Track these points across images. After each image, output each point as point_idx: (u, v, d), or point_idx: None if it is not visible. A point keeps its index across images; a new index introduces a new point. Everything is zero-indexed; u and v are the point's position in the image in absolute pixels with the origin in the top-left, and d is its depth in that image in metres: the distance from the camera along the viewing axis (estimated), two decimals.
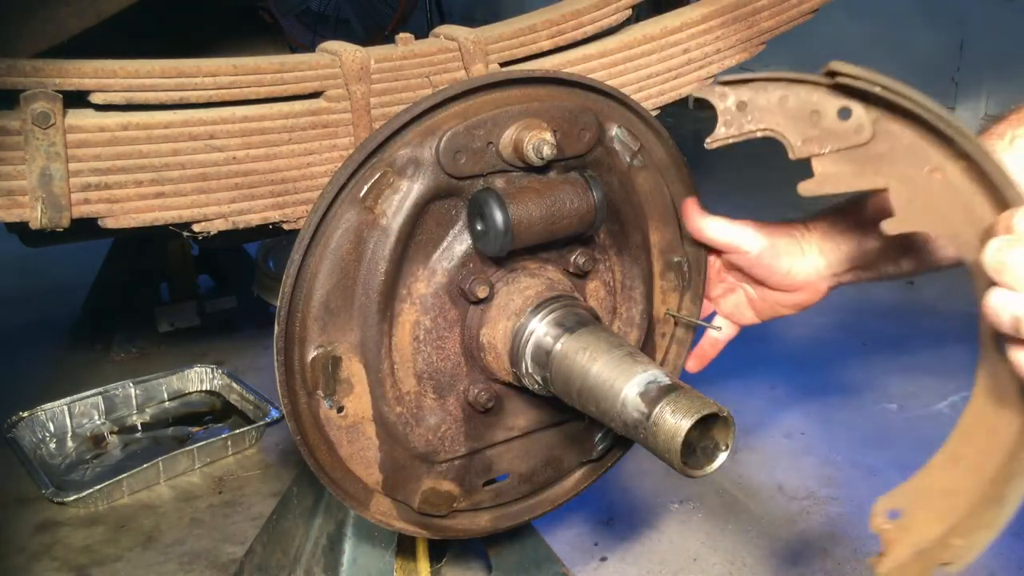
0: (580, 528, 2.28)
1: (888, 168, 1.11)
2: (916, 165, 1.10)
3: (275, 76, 1.47)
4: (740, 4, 1.83)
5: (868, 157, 1.11)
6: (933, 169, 1.10)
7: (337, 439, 1.38)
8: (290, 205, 1.52)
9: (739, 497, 2.40)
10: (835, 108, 1.11)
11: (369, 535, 1.72)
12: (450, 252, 1.38)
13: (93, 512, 2.42)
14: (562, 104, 1.40)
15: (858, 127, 1.11)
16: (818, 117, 1.12)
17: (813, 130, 1.12)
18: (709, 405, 1.21)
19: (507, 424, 1.50)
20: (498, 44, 1.64)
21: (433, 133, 1.32)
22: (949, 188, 1.10)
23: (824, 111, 1.12)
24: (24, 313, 3.51)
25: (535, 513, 1.63)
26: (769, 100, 1.13)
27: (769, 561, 2.18)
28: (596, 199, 1.39)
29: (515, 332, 1.39)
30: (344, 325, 1.34)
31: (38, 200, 1.33)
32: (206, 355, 3.14)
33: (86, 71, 1.35)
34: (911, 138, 1.11)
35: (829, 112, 1.12)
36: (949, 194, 1.10)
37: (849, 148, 1.11)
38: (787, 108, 1.12)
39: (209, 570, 2.22)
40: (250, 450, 2.68)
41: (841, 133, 1.11)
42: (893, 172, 1.11)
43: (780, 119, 1.12)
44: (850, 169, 1.12)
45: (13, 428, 2.64)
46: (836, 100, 1.12)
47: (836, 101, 1.12)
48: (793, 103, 1.12)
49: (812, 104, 1.11)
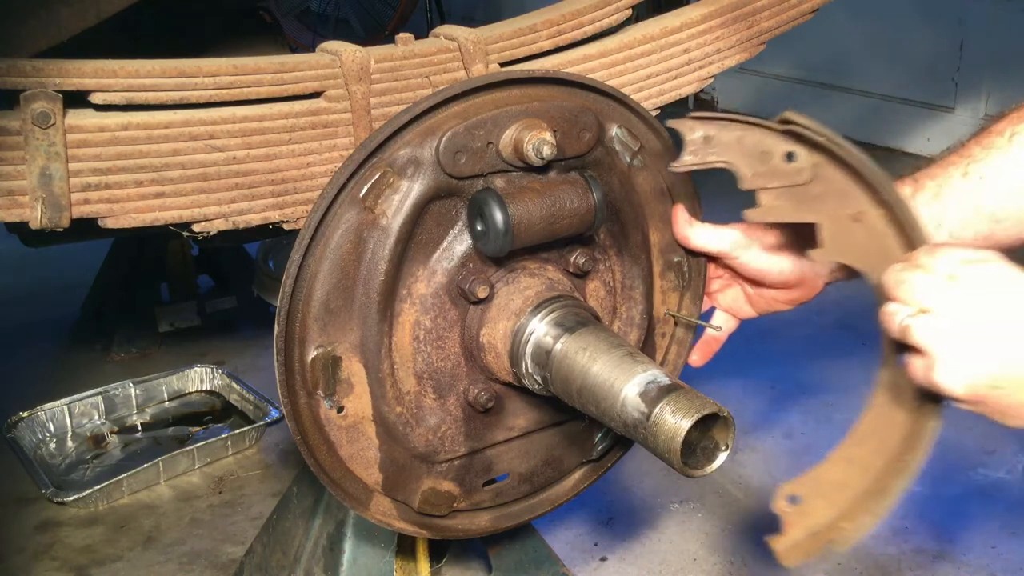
0: (580, 528, 2.28)
1: (820, 207, 1.29)
2: (843, 207, 1.30)
3: (275, 76, 1.47)
4: (740, 4, 1.83)
5: (805, 196, 1.28)
6: (858, 212, 1.30)
7: (337, 439, 1.38)
8: (290, 205, 1.52)
9: (739, 497, 2.40)
10: (783, 151, 1.29)
11: (369, 535, 1.72)
12: (450, 252, 1.38)
13: (93, 512, 2.42)
14: (562, 104, 1.40)
15: (799, 169, 1.29)
16: (768, 157, 1.28)
17: (762, 167, 1.28)
18: (709, 405, 1.21)
19: (507, 424, 1.50)
20: (498, 44, 1.64)
21: (433, 133, 1.32)
22: (869, 229, 1.30)
23: (773, 152, 1.29)
24: (24, 313, 3.50)
25: (535, 513, 1.63)
26: (730, 137, 1.28)
27: (769, 561, 2.18)
28: (596, 199, 1.39)
29: (515, 332, 1.39)
30: (344, 325, 1.34)
31: (38, 200, 1.33)
32: (206, 355, 3.14)
33: (86, 71, 1.35)
34: (843, 183, 1.29)
35: (777, 153, 1.29)
36: (868, 234, 1.30)
37: (790, 186, 1.29)
38: (743, 146, 1.28)
39: (209, 570, 2.22)
40: (250, 450, 2.68)
41: (785, 173, 1.28)
42: (824, 211, 1.29)
43: (736, 155, 1.29)
44: (789, 204, 1.29)
45: (13, 428, 2.64)
46: (785, 144, 1.28)
47: (785, 145, 1.28)
48: (749, 142, 1.28)
49: (764, 145, 1.28)
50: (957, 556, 2.18)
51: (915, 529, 2.26)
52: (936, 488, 2.39)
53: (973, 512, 2.30)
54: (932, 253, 1.19)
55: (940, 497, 2.36)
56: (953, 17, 4.60)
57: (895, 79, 4.92)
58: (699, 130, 1.28)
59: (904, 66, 4.85)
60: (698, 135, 1.28)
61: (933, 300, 1.15)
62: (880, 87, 5.00)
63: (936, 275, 1.15)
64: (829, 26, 4.54)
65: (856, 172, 1.28)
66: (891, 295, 1.18)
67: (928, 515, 2.30)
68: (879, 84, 5.00)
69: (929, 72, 4.75)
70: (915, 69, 4.81)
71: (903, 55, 4.85)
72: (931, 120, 4.77)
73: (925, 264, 1.17)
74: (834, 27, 4.70)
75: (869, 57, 5.02)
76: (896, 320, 1.16)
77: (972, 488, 2.36)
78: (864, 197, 1.30)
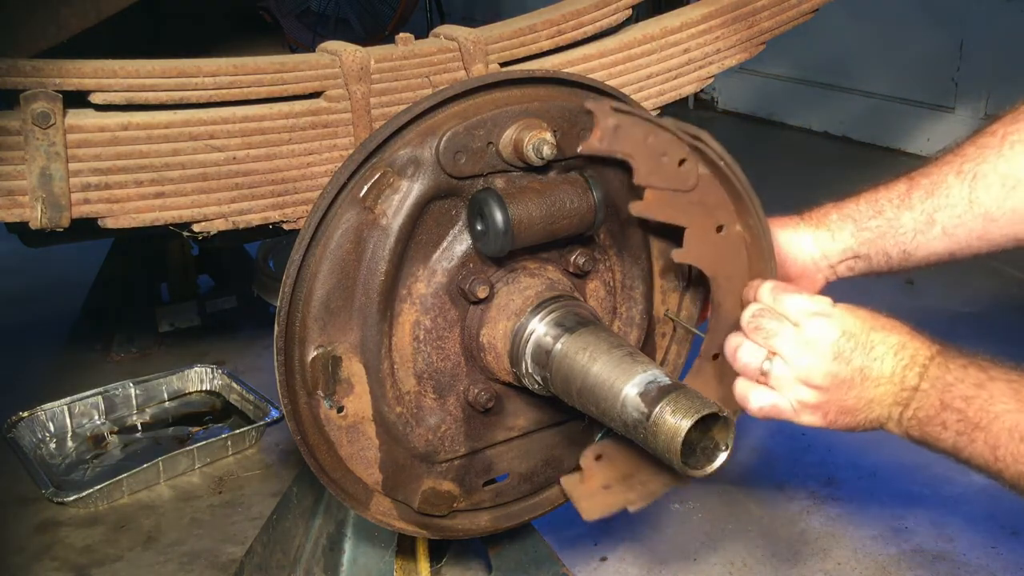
0: (580, 528, 2.28)
1: (693, 213, 1.43)
2: (712, 218, 1.44)
3: (275, 76, 1.47)
4: (740, 4, 1.83)
5: (683, 201, 1.41)
6: (723, 224, 1.46)
7: (337, 439, 1.38)
8: (290, 205, 1.52)
9: (739, 497, 2.40)
10: (679, 156, 1.39)
11: (369, 535, 1.72)
12: (450, 252, 1.38)
13: (93, 512, 2.41)
14: (562, 104, 1.40)
15: (687, 176, 1.40)
16: (664, 159, 1.39)
17: (657, 167, 1.38)
18: (709, 405, 1.21)
19: (507, 424, 1.50)
20: (498, 44, 1.64)
21: (433, 133, 1.32)
22: (727, 243, 1.47)
23: (670, 155, 1.39)
24: (24, 313, 3.50)
25: (535, 513, 1.63)
26: (638, 133, 1.36)
27: (769, 561, 2.18)
28: (596, 199, 1.39)
29: (515, 332, 1.39)
30: (344, 325, 1.34)
31: (38, 200, 1.33)
32: (206, 355, 3.13)
33: (86, 71, 1.35)
34: (719, 198, 1.44)
35: (673, 159, 1.39)
36: (725, 247, 1.47)
37: (675, 190, 1.41)
38: (647, 144, 1.37)
39: (209, 570, 2.21)
40: (250, 450, 2.67)
41: (674, 176, 1.40)
42: (694, 218, 1.43)
43: (639, 151, 1.37)
44: (670, 204, 1.41)
45: (13, 428, 2.64)
46: (681, 152, 1.39)
47: (681, 152, 1.39)
48: (652, 142, 1.37)
49: (664, 148, 1.38)
50: (957, 556, 2.18)
51: (915, 529, 2.26)
52: (936, 488, 2.39)
53: (973, 512, 2.30)
54: (777, 298, 1.37)
55: (940, 497, 2.36)
56: (953, 17, 4.59)
57: (895, 79, 4.91)
58: (612, 119, 1.34)
59: (904, 66, 4.85)
60: (611, 123, 1.33)
61: (780, 345, 1.34)
62: (880, 87, 5.00)
63: (783, 323, 1.35)
64: (829, 26, 4.54)
65: (736, 193, 1.43)
66: (746, 332, 1.37)
67: (928, 515, 2.30)
68: (879, 84, 5.00)
69: (929, 72, 4.75)
70: (915, 69, 4.81)
71: (903, 55, 4.84)
72: (931, 120, 4.77)
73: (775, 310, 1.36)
74: (834, 27, 4.69)
75: (869, 57, 5.01)
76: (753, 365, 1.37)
77: (972, 488, 2.35)
78: (733, 214, 1.45)
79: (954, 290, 3.35)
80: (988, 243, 1.51)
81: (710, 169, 1.42)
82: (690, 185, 1.41)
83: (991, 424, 1.26)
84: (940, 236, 1.52)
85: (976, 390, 1.28)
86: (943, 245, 1.53)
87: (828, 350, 1.32)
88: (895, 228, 1.54)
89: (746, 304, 1.40)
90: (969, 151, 1.51)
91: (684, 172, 1.40)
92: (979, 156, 1.49)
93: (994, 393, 1.26)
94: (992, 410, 1.26)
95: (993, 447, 1.26)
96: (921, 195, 1.53)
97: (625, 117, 1.34)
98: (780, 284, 1.40)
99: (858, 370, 1.32)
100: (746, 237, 1.47)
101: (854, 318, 1.34)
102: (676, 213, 1.42)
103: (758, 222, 1.44)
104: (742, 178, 1.41)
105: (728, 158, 1.40)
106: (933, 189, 1.52)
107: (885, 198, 1.56)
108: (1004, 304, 3.31)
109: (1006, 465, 1.25)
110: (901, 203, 1.54)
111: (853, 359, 1.32)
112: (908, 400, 1.32)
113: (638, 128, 1.35)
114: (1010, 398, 1.25)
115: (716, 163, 1.40)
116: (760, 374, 1.37)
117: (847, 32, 4.93)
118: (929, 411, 1.30)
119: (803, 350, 1.33)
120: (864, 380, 1.32)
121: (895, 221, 1.54)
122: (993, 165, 1.47)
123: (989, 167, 1.48)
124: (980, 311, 3.26)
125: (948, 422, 1.29)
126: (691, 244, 1.44)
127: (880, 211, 1.55)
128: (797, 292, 1.37)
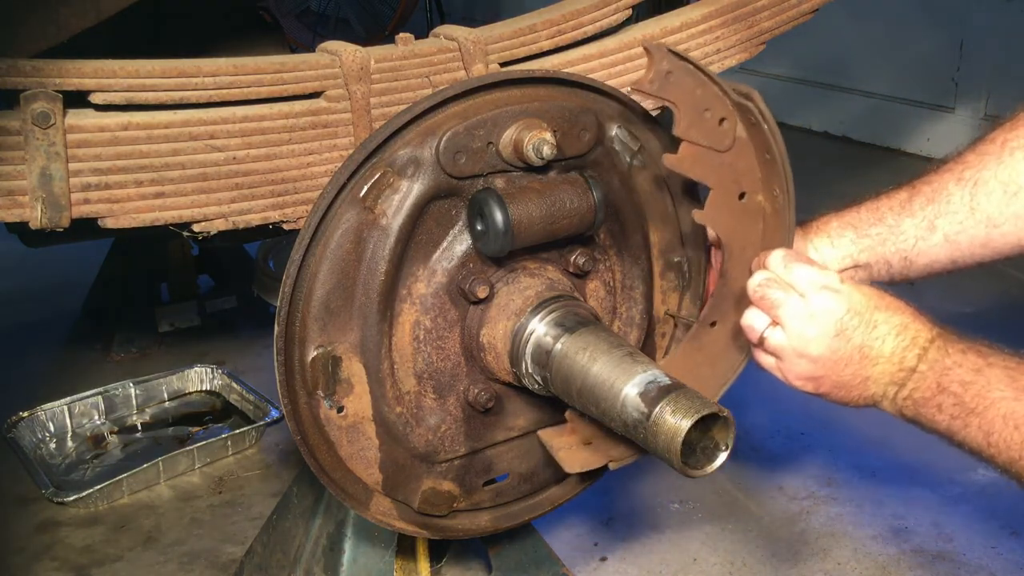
0: (580, 528, 2.28)
1: (721, 176, 1.41)
2: (738, 184, 1.43)
3: (275, 76, 1.47)
4: (740, 4, 1.83)
5: (715, 161, 1.40)
6: (746, 192, 1.44)
7: (337, 439, 1.38)
8: (290, 205, 1.52)
9: (739, 497, 2.40)
10: (720, 115, 1.38)
11: (369, 535, 1.72)
12: (450, 252, 1.38)
13: (93, 512, 2.41)
14: (562, 104, 1.40)
15: (724, 135, 1.39)
16: (707, 114, 1.37)
17: (698, 121, 1.37)
18: (709, 405, 1.21)
19: (507, 424, 1.50)
20: (498, 44, 1.64)
21: (433, 133, 1.32)
22: (746, 211, 1.44)
23: (713, 113, 1.38)
24: (24, 313, 3.50)
25: (535, 513, 1.63)
26: (688, 83, 1.35)
27: (769, 561, 2.18)
28: (596, 199, 1.39)
29: (515, 332, 1.39)
30: (344, 325, 1.34)
31: (38, 200, 1.33)
32: (206, 355, 3.13)
33: (86, 71, 1.35)
34: (750, 163, 1.42)
35: (715, 115, 1.38)
36: (744, 215, 1.45)
37: (710, 148, 1.39)
38: (694, 96, 1.36)
39: (209, 570, 2.21)
40: (250, 450, 2.67)
41: (712, 134, 1.38)
42: (721, 180, 1.41)
43: (685, 101, 1.36)
44: (702, 162, 1.39)
45: (13, 428, 2.64)
46: (724, 110, 1.38)
47: (724, 111, 1.38)
48: (699, 95, 1.36)
49: (709, 103, 1.37)
50: (957, 556, 2.18)
51: (915, 529, 2.26)
52: (936, 488, 2.39)
53: (973, 512, 2.30)
54: (788, 267, 1.37)
55: (940, 497, 2.36)
56: (953, 17, 4.59)
57: (895, 79, 4.91)
58: (667, 63, 1.33)
59: (904, 66, 4.85)
60: (664, 67, 1.33)
61: (784, 316, 1.36)
62: (880, 87, 4.99)
63: (790, 293, 1.36)
64: (829, 26, 4.53)
65: (771, 160, 1.41)
66: (752, 300, 1.39)
67: (928, 515, 2.30)
68: (879, 84, 5.00)
69: (929, 72, 4.75)
70: (915, 69, 4.81)
71: (903, 55, 4.84)
72: (931, 120, 4.77)
73: (782, 278, 1.37)
74: (834, 27, 4.69)
75: (869, 57, 5.01)
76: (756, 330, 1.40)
77: (972, 488, 2.35)
78: (759, 182, 1.44)
79: (954, 290, 3.35)
80: (992, 250, 1.52)
81: (748, 133, 1.41)
82: (726, 146, 1.39)
83: (986, 410, 1.28)
84: (942, 243, 1.52)
85: (974, 375, 1.30)
86: (945, 252, 1.53)
87: (831, 326, 1.34)
88: (896, 235, 1.54)
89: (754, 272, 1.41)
90: (970, 158, 1.51)
91: (723, 131, 1.39)
92: (980, 163, 1.49)
93: (991, 379, 1.29)
94: (988, 396, 1.28)
95: (987, 433, 1.28)
96: (922, 202, 1.53)
97: (679, 62, 1.34)
98: (792, 253, 1.41)
99: (858, 348, 1.35)
100: (766, 208, 1.46)
101: (860, 295, 1.36)
102: (706, 172, 1.40)
103: (784, 194, 1.43)
104: (781, 145, 1.40)
105: (772, 122, 1.38)
106: (934, 196, 1.52)
107: (886, 206, 1.56)
108: (1004, 304, 3.31)
109: (998, 451, 1.28)
110: (902, 210, 1.54)
111: (854, 337, 1.34)
112: (905, 380, 1.35)
113: (689, 78, 1.35)
114: (1007, 385, 1.28)
115: (760, 125, 1.38)
116: (760, 340, 1.40)
117: (847, 32, 4.93)
118: (925, 393, 1.33)
119: (806, 323, 1.35)
120: (863, 358, 1.35)
121: (896, 228, 1.54)
122: (994, 172, 1.48)
123: (990, 174, 1.48)
124: (980, 311, 3.25)
125: (944, 405, 1.32)
126: (712, 206, 1.43)
127: (881, 218, 1.55)
128: (808, 263, 1.38)
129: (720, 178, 1.41)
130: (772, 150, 1.40)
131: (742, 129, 1.41)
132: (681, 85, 1.35)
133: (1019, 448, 1.25)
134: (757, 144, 1.42)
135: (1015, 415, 1.25)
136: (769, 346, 1.40)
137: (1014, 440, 1.25)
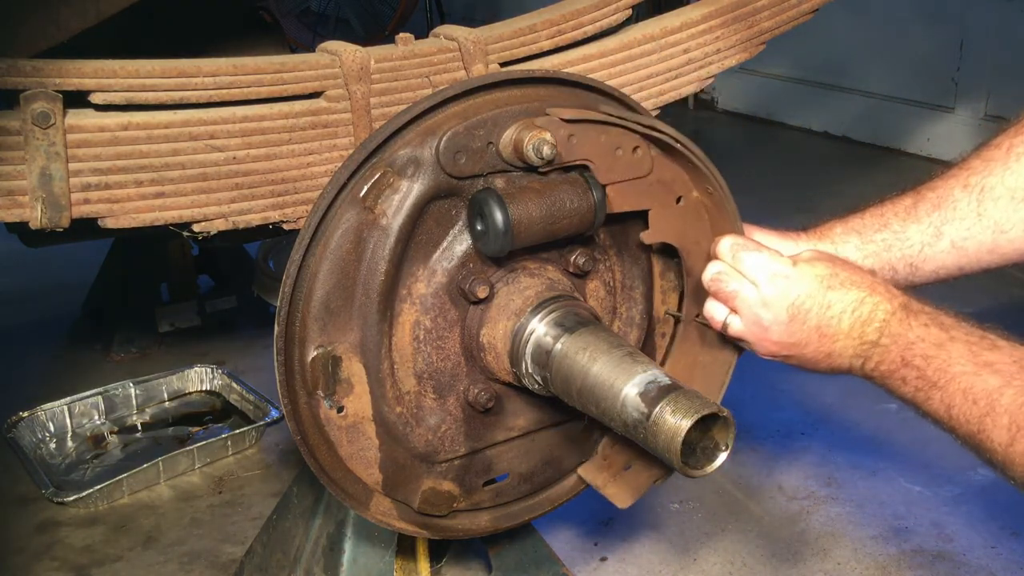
0: (580, 528, 2.28)
1: (653, 194, 1.47)
2: (671, 192, 1.48)
3: (275, 76, 1.47)
4: (740, 4, 1.83)
5: (644, 186, 1.45)
6: (681, 195, 1.49)
7: (337, 439, 1.38)
8: (290, 205, 1.52)
9: (739, 497, 2.40)
10: (631, 146, 1.43)
11: (369, 535, 1.72)
12: (450, 252, 1.38)
13: (93, 512, 2.41)
14: (562, 104, 1.40)
15: (641, 161, 1.44)
16: (619, 152, 1.42)
17: (614, 162, 1.42)
18: (709, 405, 1.21)
19: (507, 424, 1.50)
20: (498, 44, 1.64)
21: (433, 133, 1.32)
22: (688, 212, 1.50)
23: (624, 148, 1.42)
24: (24, 313, 3.50)
25: (535, 513, 1.63)
26: (591, 135, 1.39)
27: (769, 561, 2.18)
28: (596, 199, 1.39)
29: (515, 332, 1.39)
30: (344, 325, 1.34)
31: (38, 200, 1.33)
32: (206, 355, 3.13)
33: (86, 71, 1.35)
34: (674, 172, 1.48)
35: (627, 149, 1.43)
36: (687, 216, 1.50)
37: (636, 178, 1.44)
38: (600, 144, 1.40)
39: (209, 570, 2.21)
40: (250, 450, 2.67)
41: (632, 165, 1.43)
42: (656, 197, 1.47)
43: (595, 152, 1.40)
44: (633, 194, 1.45)
45: (13, 428, 2.64)
46: (633, 140, 1.42)
47: (633, 141, 1.42)
48: (604, 141, 1.40)
49: (617, 142, 1.41)
50: (957, 556, 2.18)
51: (915, 529, 2.26)
52: (936, 488, 2.39)
53: (973, 512, 2.30)
54: (736, 256, 1.41)
55: (940, 497, 2.36)
56: (953, 17, 4.59)
57: (895, 79, 4.91)
58: (563, 131, 1.36)
59: (904, 66, 4.85)
60: (563, 134, 1.36)
61: (740, 306, 1.41)
62: (880, 87, 5.00)
63: (743, 283, 1.40)
64: (829, 26, 4.54)
65: (694, 167, 1.46)
66: (709, 291, 1.44)
67: (928, 515, 2.30)
68: (879, 84, 5.00)
69: (929, 72, 4.75)
70: (915, 69, 4.81)
71: (903, 55, 4.84)
72: (931, 120, 4.77)
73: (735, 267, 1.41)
74: (834, 27, 4.69)
75: (869, 57, 5.01)
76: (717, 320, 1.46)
77: (972, 488, 2.35)
78: (688, 183, 1.49)
79: (954, 290, 3.35)
80: (999, 256, 1.51)
81: (658, 148, 1.45)
82: (647, 169, 1.45)
83: (948, 384, 1.30)
84: (949, 249, 1.52)
85: (936, 350, 1.32)
86: (952, 259, 1.53)
87: (784, 312, 1.38)
88: (901, 241, 1.53)
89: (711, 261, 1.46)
90: (975, 164, 1.51)
91: (639, 159, 1.43)
92: (986, 169, 1.49)
93: (952, 354, 1.31)
94: (949, 371, 1.31)
95: (948, 406, 1.31)
96: (928, 208, 1.53)
97: (576, 125, 1.37)
98: (739, 240, 1.44)
99: (815, 328, 1.38)
100: (706, 202, 1.51)
101: (813, 276, 1.38)
102: (640, 199, 1.46)
103: (718, 188, 1.48)
104: (698, 152, 1.45)
105: (682, 138, 1.43)
106: (940, 202, 1.52)
107: (891, 211, 1.55)
108: (1004, 304, 3.31)
109: (958, 424, 1.30)
110: (907, 216, 1.53)
111: (809, 319, 1.38)
112: (868, 353, 1.37)
113: (590, 131, 1.39)
114: (968, 360, 1.30)
115: (672, 145, 1.43)
116: (724, 328, 1.46)
117: (847, 32, 4.93)
118: (891, 366, 1.36)
119: (761, 310, 1.39)
120: (822, 337, 1.38)
121: (901, 234, 1.53)
122: (1000, 177, 1.48)
123: (996, 179, 1.48)
124: (980, 311, 3.25)
125: (908, 378, 1.35)
126: (656, 223, 1.48)
127: (886, 224, 1.54)
128: (757, 249, 1.42)
129: (654, 197, 1.47)
130: (692, 160, 1.45)
131: (655, 149, 1.45)
132: (585, 141, 1.38)
133: (977, 422, 1.27)
134: (675, 157, 1.47)
135: (973, 390, 1.28)
136: (731, 333, 1.45)
137: (972, 414, 1.28)
